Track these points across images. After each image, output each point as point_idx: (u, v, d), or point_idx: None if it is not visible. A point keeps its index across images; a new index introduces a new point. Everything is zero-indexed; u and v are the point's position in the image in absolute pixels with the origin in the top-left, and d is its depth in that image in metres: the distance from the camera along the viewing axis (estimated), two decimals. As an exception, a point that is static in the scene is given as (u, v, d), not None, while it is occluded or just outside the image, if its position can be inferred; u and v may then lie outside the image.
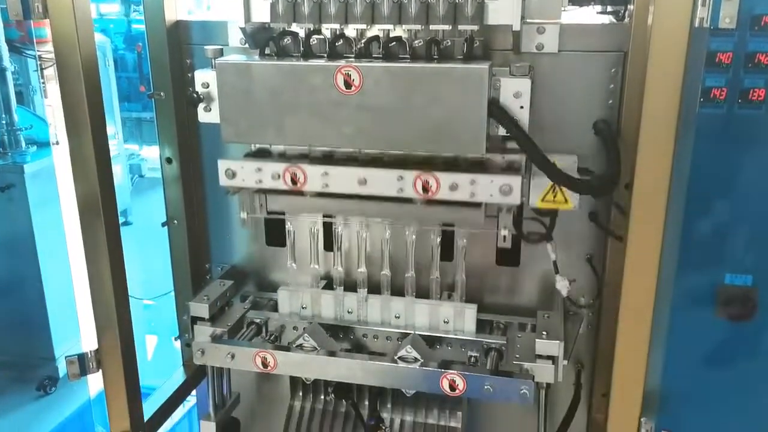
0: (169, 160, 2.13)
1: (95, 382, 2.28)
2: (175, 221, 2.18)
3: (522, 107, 1.57)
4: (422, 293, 1.98)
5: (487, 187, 1.61)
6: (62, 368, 2.00)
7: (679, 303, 1.50)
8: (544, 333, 1.75)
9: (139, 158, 4.86)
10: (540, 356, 1.74)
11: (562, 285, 1.81)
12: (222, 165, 1.76)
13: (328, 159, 1.75)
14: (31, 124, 3.13)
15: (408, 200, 1.69)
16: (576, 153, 1.78)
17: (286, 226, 2.02)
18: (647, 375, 1.52)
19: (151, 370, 2.83)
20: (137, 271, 3.47)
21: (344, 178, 1.69)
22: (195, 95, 1.70)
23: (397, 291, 2.00)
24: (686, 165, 1.45)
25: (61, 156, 2.81)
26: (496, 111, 1.54)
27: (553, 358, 1.73)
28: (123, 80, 5.51)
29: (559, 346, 1.73)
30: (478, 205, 1.68)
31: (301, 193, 1.76)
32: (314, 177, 1.70)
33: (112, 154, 2.07)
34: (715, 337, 1.52)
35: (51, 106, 3.37)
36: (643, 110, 1.41)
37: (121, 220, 4.54)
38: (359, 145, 1.65)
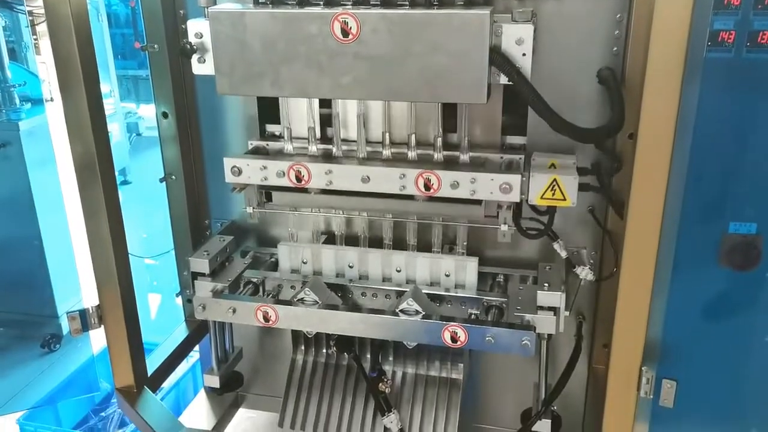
0: (165, 115, 2.09)
1: (98, 339, 2.29)
2: (173, 176, 2.16)
3: (524, 54, 1.53)
4: (424, 248, 1.97)
5: (487, 185, 1.64)
6: (65, 326, 2.01)
7: (682, 252, 1.48)
8: (546, 284, 1.74)
9: (136, 117, 4.80)
10: (541, 307, 1.73)
11: (559, 246, 1.81)
12: (228, 162, 1.79)
13: (330, 156, 1.81)
14: (24, 80, 3.08)
15: (410, 197, 1.72)
16: (578, 102, 1.76)
17: (288, 230, 2.04)
18: (649, 324, 1.51)
19: (155, 329, 2.85)
20: (138, 231, 3.47)
21: (347, 176, 1.72)
22: (188, 46, 1.66)
23: (399, 245, 1.99)
24: (692, 112, 1.41)
25: (54, 113, 2.77)
26: (498, 58, 1.50)
27: (554, 309, 1.73)
28: (117, 37, 5.41)
29: (561, 297, 1.72)
30: (478, 202, 1.70)
31: (305, 190, 1.79)
32: (318, 174, 1.73)
33: (108, 112, 2.04)
34: (717, 287, 1.51)
35: (44, 63, 3.31)
36: (649, 55, 1.37)
37: (119, 179, 4.53)
38: (357, 96, 1.63)
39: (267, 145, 1.93)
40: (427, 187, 1.66)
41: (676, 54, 1.35)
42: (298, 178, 1.74)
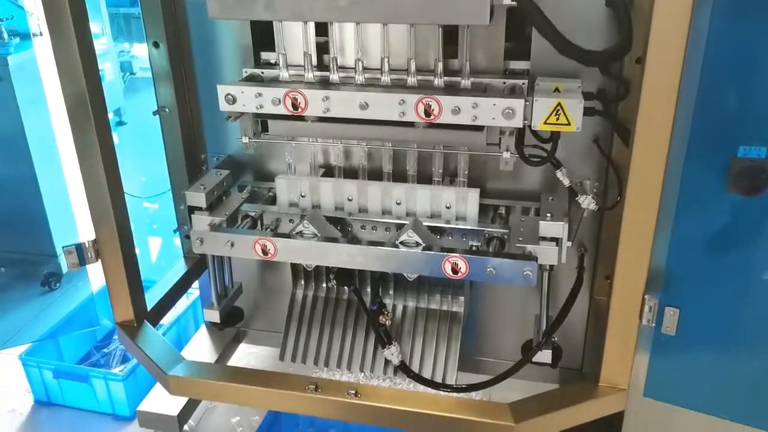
0: (156, 45, 2.02)
1: (98, 277, 2.29)
2: (167, 109, 2.11)
3: (529, -28, 1.45)
4: (424, 180, 1.94)
5: (489, 110, 1.58)
6: (64, 264, 2.00)
7: (689, 179, 1.44)
8: (549, 215, 1.71)
9: (129, 56, 4.70)
10: (544, 238, 1.71)
11: (561, 173, 1.76)
12: (221, 90, 1.72)
13: (327, 83, 1.74)
14: (11, 14, 2.98)
15: (410, 124, 1.67)
16: (585, 25, 1.69)
17: (285, 159, 1.98)
18: (653, 252, 1.49)
19: (156, 271, 2.84)
20: (135, 173, 3.43)
21: (346, 103, 1.66)
22: (177, -33, 1.58)
23: (399, 177, 1.95)
24: (703, 34, 1.35)
25: (43, 48, 2.69)
26: (502, -24, 1.43)
27: (557, 240, 1.71)
28: (107, -28, 5.24)
29: (564, 228, 1.69)
30: (480, 128, 1.65)
31: (302, 118, 1.72)
32: (315, 101, 1.67)
33: (100, 51, 1.97)
34: (723, 214, 1.48)
35: (30, -3, 3.22)
36: (661, -30, 1.30)
37: (115, 120, 4.45)
38: (354, 18, 1.56)
39: (262, 72, 1.87)
40: (428, 113, 1.61)
41: (688, -30, 1.29)
42: (295, 106, 1.68)
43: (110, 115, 2.24)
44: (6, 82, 2.70)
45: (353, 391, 1.74)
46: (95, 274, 2.42)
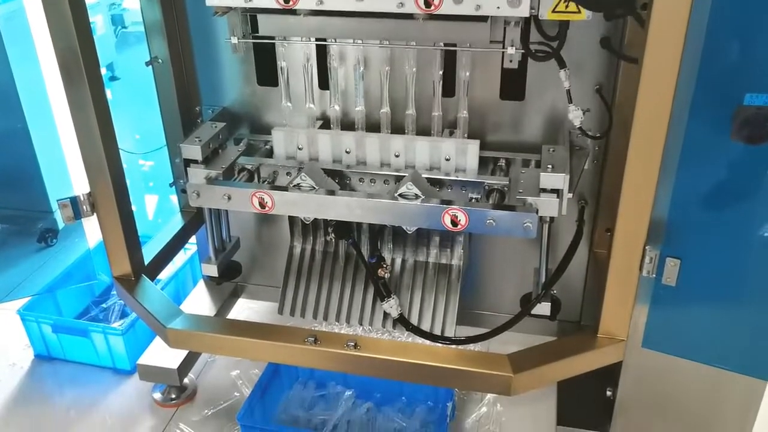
0: (146, -9, 1.97)
1: (95, 233, 2.27)
2: (160, 60, 2.06)
3: None
4: (423, 132, 1.91)
5: None
6: (60, 220, 1.97)
7: (693, 128, 1.41)
8: (549, 166, 1.69)
9: (120, 8, 4.58)
10: (544, 190, 1.69)
11: (575, 115, 1.72)
12: None
13: None
14: (-3, -37, 2.88)
15: (409, 16, 1.57)
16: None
17: (278, 63, 1.90)
18: (655, 203, 1.47)
19: (152, 227, 2.82)
20: (130, 130, 3.38)
21: None
22: None
23: (397, 131, 1.92)
24: (712, -25, 1.31)
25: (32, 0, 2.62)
26: None
27: (557, 192, 1.69)
28: None
29: (565, 179, 1.68)
30: (483, 19, 1.56)
31: (293, 12, 1.63)
32: None
33: (91, 3, 1.91)
34: (727, 164, 1.46)
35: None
36: None
37: (108, 75, 4.35)
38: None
39: None
40: (428, 3, 1.52)
41: None
42: None
43: (103, 70, 2.19)
44: (-6, 35, 2.64)
45: (352, 343, 1.75)
46: (92, 230, 2.39)
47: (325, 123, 2.02)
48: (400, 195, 1.75)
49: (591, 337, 1.69)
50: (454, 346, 1.95)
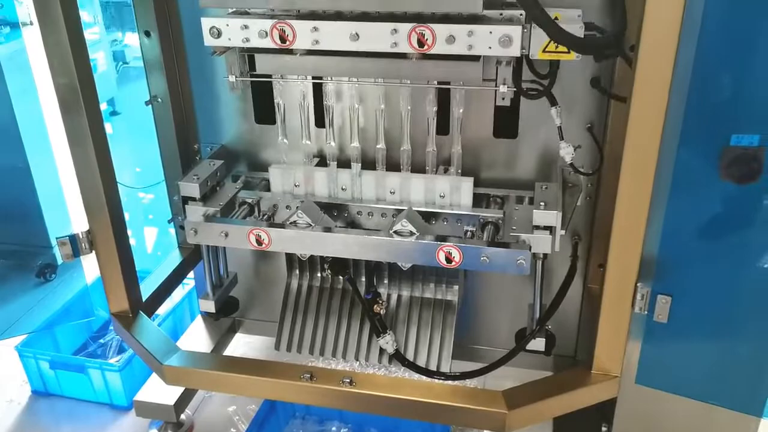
0: (147, 34, 2.01)
1: (92, 269, 2.28)
2: (159, 99, 2.10)
3: (522, -41, 1.44)
4: (418, 169, 1.93)
5: (485, 39, 1.52)
6: (59, 255, 2.00)
7: (681, 166, 1.44)
8: (542, 204, 1.72)
9: (122, 45, 4.66)
10: (537, 227, 1.71)
11: (566, 152, 1.74)
12: (206, 23, 1.66)
13: (317, 15, 1.65)
14: (1, 3, 2.95)
15: (402, 56, 1.60)
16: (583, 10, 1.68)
17: (275, 100, 1.94)
18: (645, 240, 1.50)
19: (151, 261, 2.84)
20: (129, 163, 3.41)
21: (335, 34, 1.59)
22: (168, -46, 1.57)
23: (393, 167, 1.95)
24: (697, 18, 1.35)
25: (33, 38, 2.67)
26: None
27: (550, 229, 1.71)
28: (98, -40, 5.15)
29: (557, 216, 1.70)
30: (476, 58, 1.60)
31: (290, 52, 1.67)
32: (303, 33, 1.60)
33: (92, 40, 1.95)
34: (715, 202, 1.49)
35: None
36: (654, -43, 1.30)
37: (108, 109, 4.41)
38: (347, 6, 1.54)
39: (249, 10, 1.74)
40: (421, 42, 1.55)
41: (682, -44, 1.28)
42: (282, 38, 1.62)
43: (103, 105, 2.23)
44: (-4, 72, 2.69)
45: (348, 380, 1.75)
46: (90, 265, 2.41)
47: (322, 160, 2.05)
48: (395, 232, 1.77)
49: (585, 373, 1.70)
50: (449, 382, 1.96)
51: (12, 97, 2.76)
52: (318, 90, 1.94)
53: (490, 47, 1.53)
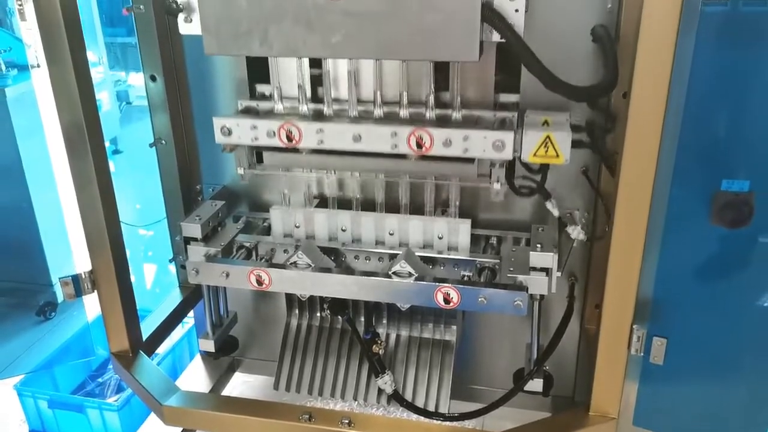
0: (152, 78, 2.06)
1: (93, 307, 2.30)
2: (163, 141, 2.14)
3: (517, 11, 1.50)
4: (417, 210, 1.97)
5: (480, 143, 1.62)
6: (60, 294, 2.02)
7: (673, 210, 1.48)
8: (538, 245, 1.74)
9: (126, 85, 4.75)
10: (534, 268, 1.74)
11: (552, 206, 1.80)
12: (217, 123, 1.76)
13: (320, 116, 1.78)
14: (9, 46, 3.03)
15: (402, 156, 1.70)
16: (573, 60, 1.74)
17: (280, 191, 2.01)
18: (640, 282, 1.52)
19: (151, 298, 2.85)
20: (131, 201, 3.46)
21: (339, 135, 1.69)
22: (174, 5, 1.62)
23: (391, 206, 1.98)
24: (686, 68, 1.40)
25: (41, 79, 2.74)
26: (490, 14, 1.47)
27: (547, 270, 1.73)
28: (104, 3, 5.31)
29: (553, 258, 1.72)
30: (471, 159, 1.69)
31: (296, 150, 1.76)
32: (309, 134, 1.70)
33: (97, 80, 2.00)
34: (708, 245, 1.52)
35: (30, 29, 3.26)
36: (643, 10, 1.35)
37: (111, 148, 4.48)
38: (346, 54, 1.60)
39: (257, 105, 1.91)
40: (420, 145, 1.64)
41: (671, 8, 1.33)
42: (289, 138, 1.71)
43: (106, 144, 2.28)
44: (3, 113, 2.74)
45: (347, 421, 1.75)
46: (91, 303, 2.42)
47: (322, 201, 2.09)
48: (394, 273, 1.79)
49: (583, 414, 1.70)
50: (448, 423, 1.96)
51: (18, 136, 2.82)
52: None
53: (484, 150, 1.63)
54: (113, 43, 5.04)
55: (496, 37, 1.51)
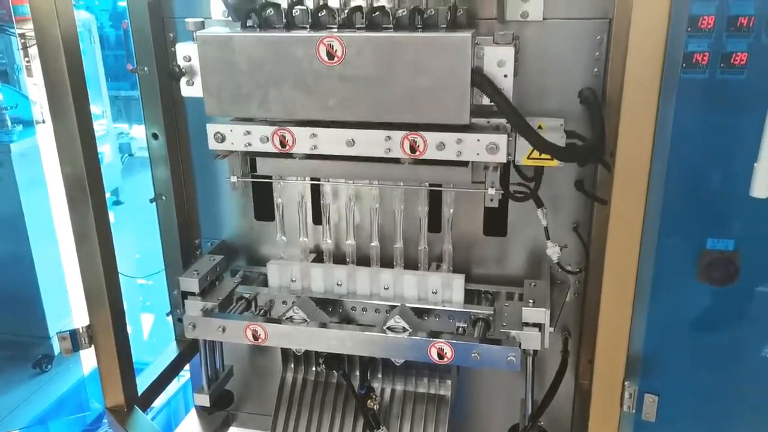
0: (155, 136, 2.12)
1: (90, 358, 2.30)
2: (164, 197, 2.18)
3: (506, 76, 1.56)
4: (411, 265, 2.00)
5: (473, 146, 1.63)
6: (57, 346, 2.02)
7: (661, 268, 1.51)
8: (531, 301, 1.77)
9: (128, 137, 4.83)
10: (527, 324, 1.76)
11: (552, 251, 1.82)
12: (211, 129, 1.77)
13: (316, 121, 1.74)
14: (16, 103, 3.11)
15: (396, 161, 1.70)
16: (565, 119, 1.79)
17: (275, 200, 2.03)
18: (631, 340, 1.54)
19: (147, 348, 2.85)
20: (131, 250, 3.48)
21: (332, 140, 1.70)
22: (177, 69, 1.69)
23: (386, 263, 2.01)
24: (668, 130, 1.45)
25: (45, 134, 2.80)
26: (480, 80, 1.54)
27: (539, 326, 1.75)
28: (109, 58, 5.45)
29: (545, 314, 1.74)
30: (465, 163, 1.69)
31: (290, 156, 1.77)
32: (303, 139, 1.71)
33: (100, 133, 2.06)
34: (696, 301, 1.54)
35: (36, 84, 3.35)
36: (626, 76, 1.41)
37: (112, 199, 4.54)
38: (343, 116, 1.65)
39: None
40: (413, 149, 1.65)
41: (651, 75, 1.39)
42: (282, 143, 1.72)
43: (107, 195, 2.32)
44: (7, 168, 2.80)
45: (341, 478, 1.74)
46: (87, 355, 2.43)
47: (319, 255, 2.12)
48: (389, 328, 1.81)
49: (578, 472, 1.70)
50: (443, 480, 1.94)
51: (21, 189, 2.86)
52: (316, 189, 2.04)
53: (478, 154, 1.64)
54: (117, 97, 5.15)
55: (486, 100, 1.57)
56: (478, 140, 1.63)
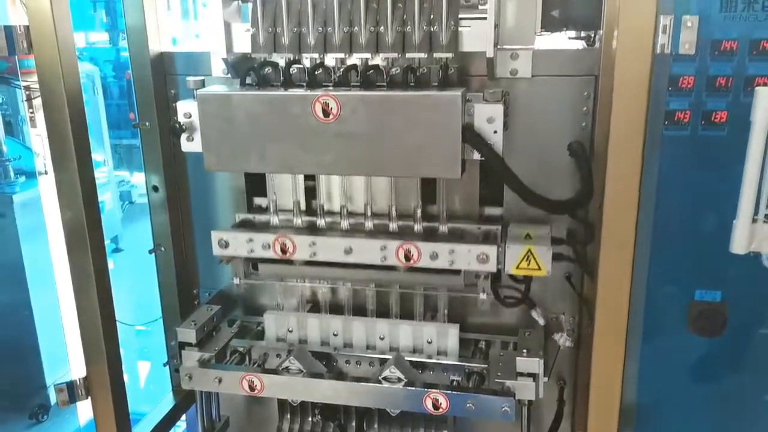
0: (155, 188, 2.16)
1: (86, 409, 2.30)
2: (163, 248, 2.22)
3: (495, 132, 1.62)
4: (407, 312, 2.02)
5: (465, 256, 1.71)
6: (53, 396, 2.02)
7: (650, 319, 1.53)
8: (525, 351, 1.79)
9: (129, 185, 4.90)
10: (521, 374, 1.77)
11: (538, 316, 1.88)
12: (215, 236, 1.86)
13: (314, 228, 1.88)
14: (19, 155, 3.17)
15: (392, 267, 1.78)
16: (551, 174, 1.84)
17: (278, 301, 2.09)
18: (623, 390, 1.55)
19: (144, 396, 2.84)
20: (129, 297, 3.50)
21: (331, 248, 1.79)
22: (177, 125, 1.74)
23: (382, 308, 2.03)
24: (653, 185, 1.49)
25: (47, 185, 2.85)
26: (470, 136, 1.59)
27: (533, 376, 1.77)
28: (112, 107, 5.56)
29: (539, 364, 1.76)
30: (457, 271, 1.77)
31: (290, 262, 1.85)
32: (302, 246, 1.80)
33: (101, 181, 2.10)
34: (685, 351, 1.56)
35: (39, 135, 3.42)
36: (611, 132, 1.46)
37: (112, 246, 4.58)
38: (338, 172, 1.71)
39: (254, 217, 2.00)
40: (408, 258, 1.73)
41: (635, 132, 1.44)
42: (283, 250, 1.80)
43: (107, 242, 2.35)
44: (9, 218, 2.84)
45: None
46: (83, 406, 2.42)
47: (315, 305, 2.14)
48: (384, 378, 1.82)
49: None
50: None
51: (22, 239, 2.89)
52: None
53: (469, 263, 1.72)
54: (118, 145, 5.23)
55: (476, 155, 1.62)
56: (469, 251, 1.72)
